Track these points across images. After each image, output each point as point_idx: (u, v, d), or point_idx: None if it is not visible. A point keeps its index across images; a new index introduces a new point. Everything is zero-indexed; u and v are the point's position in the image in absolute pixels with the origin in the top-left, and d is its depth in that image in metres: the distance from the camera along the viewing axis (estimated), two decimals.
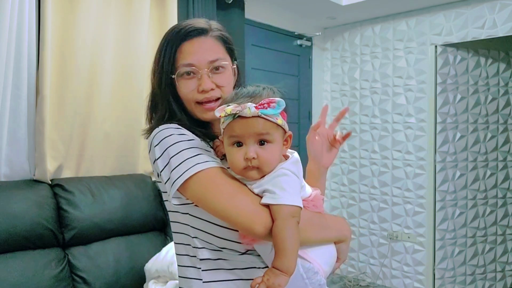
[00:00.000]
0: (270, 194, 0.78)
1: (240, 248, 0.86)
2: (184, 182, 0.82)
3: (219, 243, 0.86)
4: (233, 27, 2.71)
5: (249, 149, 0.79)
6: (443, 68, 3.10)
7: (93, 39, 2.06)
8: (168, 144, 0.86)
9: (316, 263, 0.84)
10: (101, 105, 2.11)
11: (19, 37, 1.81)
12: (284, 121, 0.81)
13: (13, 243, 1.68)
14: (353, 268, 3.55)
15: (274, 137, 0.80)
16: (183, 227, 0.91)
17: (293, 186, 0.80)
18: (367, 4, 3.09)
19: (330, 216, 0.94)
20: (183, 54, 0.93)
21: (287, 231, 0.75)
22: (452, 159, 3.13)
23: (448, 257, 3.13)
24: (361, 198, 3.53)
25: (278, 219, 0.76)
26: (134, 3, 2.21)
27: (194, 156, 0.84)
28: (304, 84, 3.59)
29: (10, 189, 1.76)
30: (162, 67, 0.95)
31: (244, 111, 0.77)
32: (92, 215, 1.90)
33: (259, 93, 0.82)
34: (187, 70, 0.93)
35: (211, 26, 0.98)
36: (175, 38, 0.94)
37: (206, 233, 0.87)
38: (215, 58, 0.94)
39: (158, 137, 0.88)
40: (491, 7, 2.87)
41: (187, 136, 0.88)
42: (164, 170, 0.85)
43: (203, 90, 0.92)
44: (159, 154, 0.87)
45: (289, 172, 0.81)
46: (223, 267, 0.87)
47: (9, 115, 1.81)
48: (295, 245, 0.75)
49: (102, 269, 1.87)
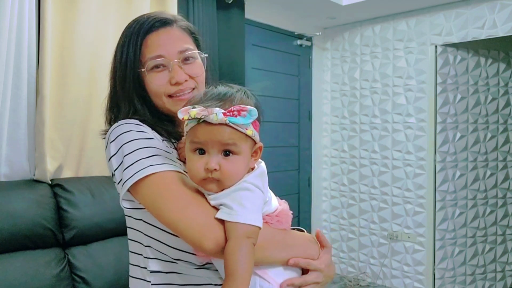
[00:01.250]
0: (227, 209, 0.70)
1: (197, 261, 0.78)
2: (134, 184, 0.75)
3: (173, 254, 0.78)
4: (233, 27, 2.71)
5: (211, 159, 0.71)
6: (443, 68, 3.10)
7: (93, 39, 2.06)
8: (124, 141, 0.79)
9: (275, 283, 0.77)
10: (101, 105, 2.11)
11: (19, 37, 1.81)
12: (255, 131, 0.73)
13: (13, 243, 1.68)
14: (353, 268, 3.55)
15: (241, 148, 0.72)
16: (137, 234, 0.83)
17: (254, 203, 0.71)
18: (367, 4, 3.09)
19: (297, 234, 0.85)
20: (150, 46, 0.87)
21: (240, 254, 0.67)
22: (452, 159, 3.13)
23: (448, 257, 3.13)
24: (361, 198, 3.53)
25: (231, 239, 0.68)
26: (134, 3, 2.21)
27: (150, 156, 0.76)
28: (304, 84, 3.59)
29: (10, 189, 1.76)
30: (125, 63, 0.89)
31: (210, 117, 0.68)
32: (92, 215, 1.90)
33: (230, 96, 0.73)
34: (156, 63, 0.86)
35: (176, 17, 0.92)
36: (138, 31, 0.88)
37: (160, 242, 0.79)
38: (185, 48, 0.88)
39: (115, 132, 0.82)
40: (491, 7, 2.87)
41: (146, 134, 0.81)
42: (118, 169, 0.78)
43: (177, 82, 0.86)
44: (114, 151, 0.80)
45: (252, 187, 0.72)
46: (175, 282, 0.79)
47: (9, 115, 1.81)
48: (247, 270, 0.67)
49: (102, 269, 1.87)
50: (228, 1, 2.66)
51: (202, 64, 0.93)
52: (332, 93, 3.73)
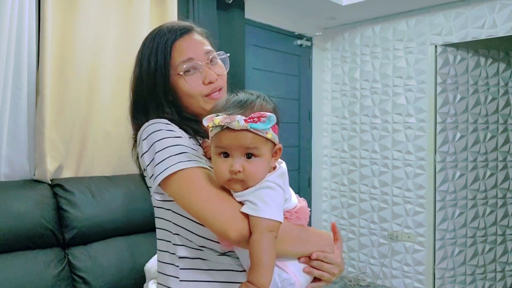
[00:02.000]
0: (252, 204, 0.77)
1: (220, 248, 0.85)
2: (165, 179, 0.82)
3: (198, 242, 0.85)
4: (233, 27, 2.71)
5: (235, 161, 0.77)
6: (443, 68, 3.10)
7: (93, 39, 2.06)
8: (155, 139, 0.85)
9: (293, 274, 0.84)
10: (101, 105, 2.11)
11: (19, 37, 1.80)
12: (274, 134, 0.79)
13: (13, 243, 1.68)
14: (353, 268, 3.55)
15: (262, 151, 0.78)
16: (166, 223, 0.91)
17: (275, 200, 0.78)
18: (367, 4, 3.09)
19: (313, 230, 0.92)
20: (179, 51, 0.94)
21: (263, 245, 0.74)
22: (452, 159, 3.13)
23: (448, 257, 3.13)
24: (362, 198, 3.53)
25: (255, 232, 0.75)
26: (134, 3, 2.21)
27: (179, 154, 0.83)
28: (304, 84, 3.59)
29: (10, 189, 1.76)
30: (154, 70, 0.95)
31: (233, 124, 0.75)
32: (92, 215, 1.90)
33: (251, 103, 0.80)
34: (188, 66, 0.94)
35: (191, 24, 1.00)
36: (166, 39, 0.95)
37: (187, 230, 0.86)
38: (209, 50, 0.97)
39: (147, 131, 0.88)
40: (491, 7, 2.87)
41: (175, 133, 0.87)
42: (150, 165, 0.86)
43: (210, 81, 0.94)
44: (146, 148, 0.87)
45: (274, 185, 0.79)
46: (200, 267, 0.86)
47: (9, 115, 1.81)
48: (271, 260, 0.75)
49: (102, 269, 1.87)
50: (228, 1, 2.66)
51: (223, 64, 1.01)
52: (332, 93, 3.73)
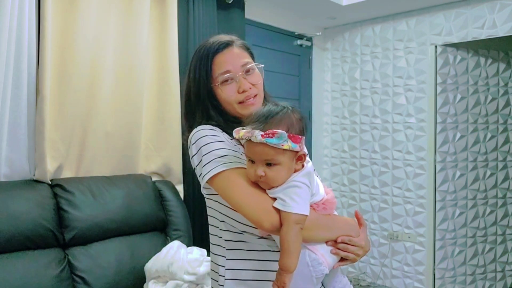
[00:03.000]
0: (282, 201, 0.91)
1: (259, 233, 0.98)
2: (211, 178, 0.98)
3: (240, 227, 1.00)
4: (233, 27, 2.71)
5: (258, 168, 0.92)
6: (443, 68, 3.10)
7: (93, 39, 2.06)
8: (202, 144, 1.02)
9: (321, 255, 0.97)
10: (101, 105, 2.11)
11: (19, 37, 1.80)
12: (293, 144, 0.90)
13: (13, 243, 1.68)
14: (354, 268, 3.55)
15: (281, 160, 0.91)
16: (214, 212, 1.07)
17: (302, 197, 0.91)
18: (367, 4, 3.09)
19: (339, 218, 1.06)
20: (218, 65, 1.09)
21: (291, 236, 0.89)
22: (452, 159, 3.13)
23: (448, 257, 3.13)
24: (362, 198, 3.53)
25: (285, 225, 0.89)
26: (134, 3, 2.21)
27: (222, 156, 0.99)
28: (304, 84, 3.59)
29: (10, 189, 1.76)
30: (199, 81, 1.10)
31: (252, 138, 0.89)
32: (92, 215, 1.90)
33: (274, 116, 0.92)
34: (225, 78, 1.08)
35: (233, 38, 1.15)
36: (207, 53, 1.10)
37: (231, 218, 1.01)
38: (245, 62, 1.11)
39: (195, 137, 1.04)
40: (491, 7, 2.87)
41: (219, 138, 1.03)
42: (198, 165, 1.02)
43: (243, 90, 1.08)
44: (195, 151, 1.03)
45: (300, 184, 0.92)
46: (242, 248, 1.02)
47: (9, 115, 1.81)
48: (297, 248, 0.89)
49: (102, 269, 1.87)
50: (228, 1, 2.66)
51: (260, 73, 1.15)
52: (333, 93, 3.73)
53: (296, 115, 0.96)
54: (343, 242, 1.01)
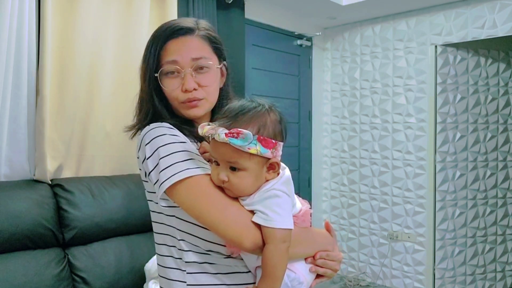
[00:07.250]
0: (263, 214, 0.78)
1: (225, 251, 0.85)
2: (171, 186, 0.80)
3: (205, 246, 0.85)
4: (233, 27, 2.71)
5: (221, 171, 0.79)
6: (443, 68, 3.10)
7: (93, 39, 2.06)
8: (159, 145, 0.84)
9: (301, 274, 0.87)
10: (101, 105, 2.11)
11: (19, 37, 1.80)
12: (264, 149, 0.76)
13: (13, 243, 1.68)
14: (353, 268, 3.55)
15: (246, 165, 0.78)
16: (168, 228, 0.90)
17: (284, 208, 0.79)
18: (367, 4, 3.09)
19: (316, 230, 0.94)
20: (168, 51, 0.92)
21: (277, 258, 0.76)
22: (452, 159, 3.13)
23: (448, 257, 3.13)
24: (361, 198, 3.53)
25: (270, 244, 0.77)
26: (134, 3, 2.21)
27: (185, 160, 0.82)
28: (304, 84, 3.59)
29: (10, 189, 1.76)
30: (147, 64, 0.95)
31: (215, 136, 0.76)
32: (92, 215, 1.90)
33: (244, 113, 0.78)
34: (171, 69, 0.92)
35: (199, 26, 0.96)
36: (161, 36, 0.94)
37: (193, 235, 0.86)
38: (199, 56, 0.92)
39: (149, 135, 0.87)
40: (491, 7, 2.87)
41: (179, 138, 0.86)
42: (154, 170, 0.84)
43: (186, 89, 0.91)
44: (150, 153, 0.85)
45: (281, 193, 0.79)
46: (208, 271, 0.86)
47: (9, 115, 1.81)
48: (282, 271, 0.78)
49: (102, 269, 1.87)
50: (228, 1, 2.66)
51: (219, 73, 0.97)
52: (332, 93, 3.73)
53: (273, 115, 0.80)
54: (321, 258, 0.90)
